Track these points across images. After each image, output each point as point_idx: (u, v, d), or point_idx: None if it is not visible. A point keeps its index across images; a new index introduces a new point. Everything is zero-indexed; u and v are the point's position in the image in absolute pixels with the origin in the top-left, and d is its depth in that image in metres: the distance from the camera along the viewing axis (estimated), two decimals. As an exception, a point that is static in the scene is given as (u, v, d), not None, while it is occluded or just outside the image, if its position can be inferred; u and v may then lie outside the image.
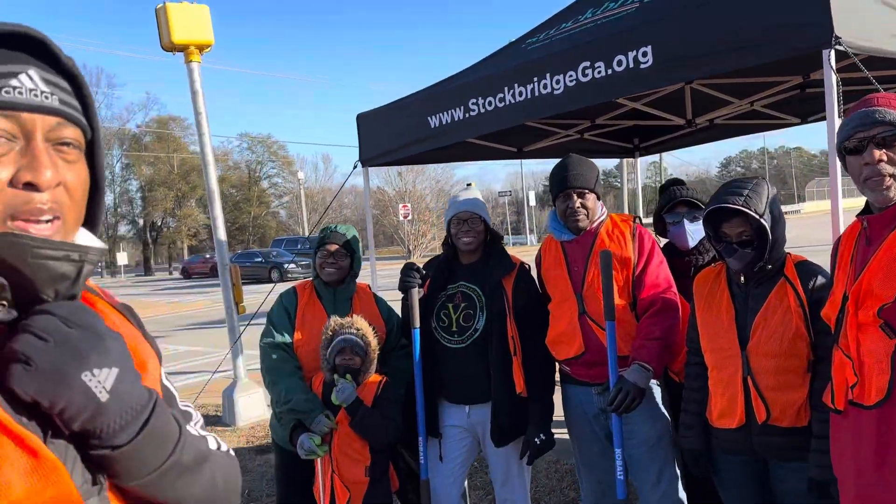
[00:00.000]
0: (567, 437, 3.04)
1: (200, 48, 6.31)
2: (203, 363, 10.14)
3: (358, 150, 4.87)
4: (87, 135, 0.88)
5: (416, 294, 2.94)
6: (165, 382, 1.01)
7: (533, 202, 46.62)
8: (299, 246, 33.30)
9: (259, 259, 29.85)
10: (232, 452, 1.03)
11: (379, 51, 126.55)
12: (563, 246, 2.86)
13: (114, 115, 59.05)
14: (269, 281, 27.03)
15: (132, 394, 0.81)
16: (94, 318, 0.82)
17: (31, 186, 0.78)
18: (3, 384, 0.75)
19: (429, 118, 4.15)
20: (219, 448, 0.99)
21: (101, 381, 0.77)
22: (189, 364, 10.35)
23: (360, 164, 4.94)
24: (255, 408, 6.60)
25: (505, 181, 73.71)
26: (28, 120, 0.79)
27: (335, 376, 2.79)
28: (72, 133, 0.84)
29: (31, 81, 0.80)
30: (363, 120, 4.83)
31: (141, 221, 57.48)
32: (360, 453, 2.77)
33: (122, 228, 59.55)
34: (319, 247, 3.07)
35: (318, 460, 2.78)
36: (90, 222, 0.91)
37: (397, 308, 3.20)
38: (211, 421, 6.63)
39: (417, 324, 2.93)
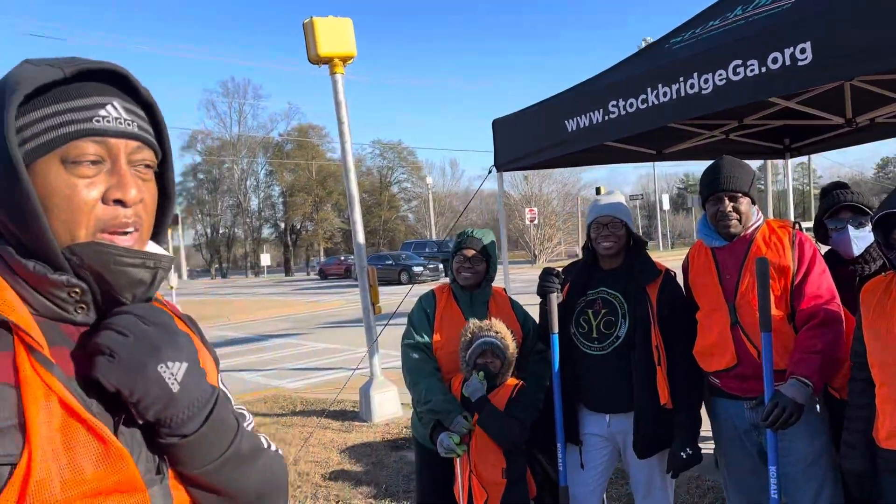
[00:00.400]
0: (709, 452, 2.91)
1: (344, 60, 6.62)
2: (340, 360, 10.62)
3: (493, 155, 4.92)
4: (158, 156, 0.98)
5: (555, 299, 2.91)
6: (221, 386, 1.10)
7: (666, 206, 44.86)
8: (427, 249, 34.10)
9: (389, 262, 30.78)
10: (281, 452, 1.11)
11: (509, 57, 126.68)
12: (714, 252, 2.74)
13: (259, 124, 63.20)
14: (399, 283, 27.85)
15: (199, 387, 0.90)
16: (167, 317, 0.92)
17: (119, 203, 0.89)
18: (78, 378, 0.84)
19: (565, 122, 4.11)
20: (269, 447, 1.07)
21: (173, 373, 0.86)
22: (327, 361, 10.87)
23: (494, 169, 4.99)
24: (389, 405, 6.79)
25: (636, 184, 71.28)
26: (114, 145, 0.90)
27: (473, 371, 2.84)
28: (148, 155, 0.95)
29: (115, 111, 0.91)
30: (499, 125, 4.86)
31: (282, 225, 61.29)
32: (497, 455, 2.80)
33: (266, 231, 63.77)
34: (456, 251, 3.12)
35: (458, 460, 2.84)
36: (156, 233, 1.01)
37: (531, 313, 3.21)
38: (349, 416, 6.91)
39: (556, 329, 2.91)
